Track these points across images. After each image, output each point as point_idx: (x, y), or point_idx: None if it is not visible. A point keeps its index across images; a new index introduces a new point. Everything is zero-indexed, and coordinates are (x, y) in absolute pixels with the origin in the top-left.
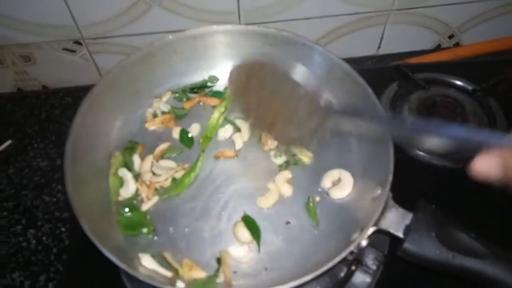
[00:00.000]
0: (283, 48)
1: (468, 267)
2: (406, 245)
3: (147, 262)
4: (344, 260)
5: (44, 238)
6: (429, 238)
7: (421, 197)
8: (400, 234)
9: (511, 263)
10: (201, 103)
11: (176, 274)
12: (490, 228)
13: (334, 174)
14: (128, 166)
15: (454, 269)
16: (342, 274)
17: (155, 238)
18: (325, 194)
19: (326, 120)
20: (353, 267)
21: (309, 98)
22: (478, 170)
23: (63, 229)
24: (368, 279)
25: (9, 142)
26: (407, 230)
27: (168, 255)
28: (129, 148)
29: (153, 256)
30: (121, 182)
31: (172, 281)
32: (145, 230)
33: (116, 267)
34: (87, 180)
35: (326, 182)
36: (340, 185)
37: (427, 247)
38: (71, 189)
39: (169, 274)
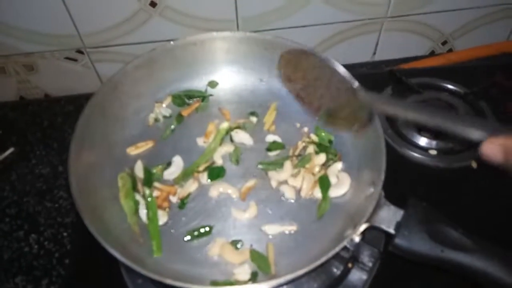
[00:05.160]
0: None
1: (456, 260)
2: (397, 240)
3: None
4: (340, 257)
5: (46, 243)
6: (419, 234)
7: (412, 195)
8: (391, 230)
9: (497, 257)
10: (198, 111)
11: None
12: (478, 223)
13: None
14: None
15: (443, 263)
16: (338, 272)
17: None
18: None
19: (362, 102)
20: (349, 265)
21: (345, 83)
22: (484, 153)
23: (65, 234)
24: (364, 276)
25: (11, 149)
26: (398, 226)
27: None
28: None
29: None
30: (136, 206)
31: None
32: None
33: (118, 270)
34: (89, 179)
35: None
36: (338, 183)
37: (417, 242)
38: (74, 188)
39: None
